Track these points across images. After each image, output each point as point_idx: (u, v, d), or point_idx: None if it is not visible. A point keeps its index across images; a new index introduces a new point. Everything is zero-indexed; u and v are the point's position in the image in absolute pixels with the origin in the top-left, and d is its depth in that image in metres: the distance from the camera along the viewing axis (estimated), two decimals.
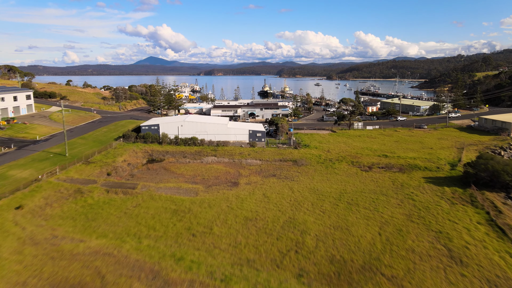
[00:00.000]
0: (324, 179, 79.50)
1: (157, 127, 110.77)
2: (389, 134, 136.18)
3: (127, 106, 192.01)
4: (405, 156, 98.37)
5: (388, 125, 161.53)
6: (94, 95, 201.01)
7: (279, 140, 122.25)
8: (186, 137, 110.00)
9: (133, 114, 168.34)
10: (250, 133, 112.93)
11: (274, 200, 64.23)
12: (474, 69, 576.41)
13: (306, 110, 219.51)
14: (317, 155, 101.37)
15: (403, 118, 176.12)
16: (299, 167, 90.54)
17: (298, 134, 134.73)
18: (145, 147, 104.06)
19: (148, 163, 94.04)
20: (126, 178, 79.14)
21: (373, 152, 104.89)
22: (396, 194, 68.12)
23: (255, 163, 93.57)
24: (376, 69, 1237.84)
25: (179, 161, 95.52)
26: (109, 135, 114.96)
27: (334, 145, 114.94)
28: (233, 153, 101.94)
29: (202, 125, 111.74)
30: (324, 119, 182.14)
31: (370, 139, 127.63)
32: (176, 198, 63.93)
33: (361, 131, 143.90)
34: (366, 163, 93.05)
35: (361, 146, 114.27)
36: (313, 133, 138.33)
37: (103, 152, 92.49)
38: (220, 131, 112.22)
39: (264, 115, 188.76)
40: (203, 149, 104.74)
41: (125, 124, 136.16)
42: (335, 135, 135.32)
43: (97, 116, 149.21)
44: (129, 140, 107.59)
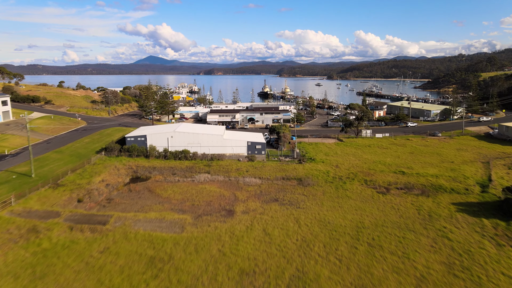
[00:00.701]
0: (336, 206, 67.22)
1: (144, 139, 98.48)
2: (401, 144, 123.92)
3: (117, 110, 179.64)
4: (425, 173, 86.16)
5: (398, 132, 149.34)
6: (83, 98, 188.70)
7: (281, 151, 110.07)
8: (177, 149, 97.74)
9: (123, 120, 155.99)
10: (248, 145, 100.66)
11: (277, 240, 51.99)
12: (479, 69, 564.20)
13: (308, 114, 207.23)
14: (325, 171, 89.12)
15: (414, 124, 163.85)
16: (305, 187, 78.26)
17: (302, 144, 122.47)
18: (130, 162, 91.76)
19: (131, 183, 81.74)
20: (101, 204, 66.86)
21: (388, 168, 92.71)
22: (425, 229, 55.84)
23: (254, 183, 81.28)
24: (377, 68, 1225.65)
25: (167, 180, 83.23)
26: (91, 147, 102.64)
27: (342, 158, 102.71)
28: (229, 169, 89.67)
29: (194, 136, 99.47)
30: (329, 124, 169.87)
31: (382, 149, 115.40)
32: (156, 237, 51.67)
33: (370, 140, 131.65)
34: (381, 183, 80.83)
35: (372, 159, 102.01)
36: (318, 143, 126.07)
37: (78, 170, 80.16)
38: (215, 143, 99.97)
39: (264, 120, 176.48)
40: (195, 164, 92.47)
41: (111, 133, 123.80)
42: (342, 145, 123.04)
43: (82, 123, 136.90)
44: (112, 153, 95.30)
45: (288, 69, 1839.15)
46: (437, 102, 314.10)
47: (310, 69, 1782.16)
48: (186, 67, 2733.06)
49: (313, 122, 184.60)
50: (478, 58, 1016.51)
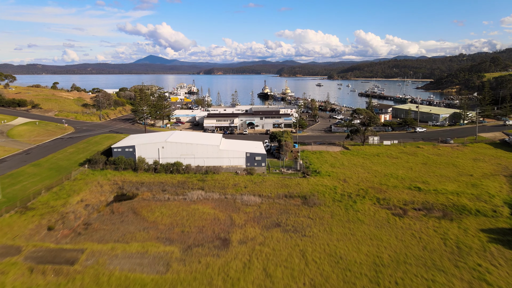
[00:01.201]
0: (347, 233, 58.25)
1: (133, 150, 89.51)
2: (412, 153, 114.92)
3: (110, 114, 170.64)
4: (444, 190, 77.25)
5: (407, 139, 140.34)
6: (74, 101, 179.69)
7: (283, 162, 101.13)
8: (168, 162, 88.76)
9: (114, 126, 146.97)
10: (247, 157, 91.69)
11: (280, 285, 43.03)
12: (482, 69, 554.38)
13: (310, 118, 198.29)
14: (332, 187, 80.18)
15: (423, 129, 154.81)
16: (311, 208, 69.29)
17: (305, 153, 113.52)
18: (115, 176, 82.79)
19: (115, 201, 72.79)
20: (76, 231, 57.91)
21: (401, 182, 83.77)
22: (457, 268, 46.91)
23: (253, 202, 72.31)
24: (378, 68, 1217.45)
25: (155, 198, 74.25)
26: (74, 158, 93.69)
27: (350, 171, 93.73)
28: (226, 184, 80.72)
29: (188, 147, 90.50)
30: (333, 130, 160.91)
31: (392, 160, 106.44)
32: (134, 281, 42.76)
33: (378, 148, 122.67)
34: (396, 201, 71.90)
35: (383, 171, 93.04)
36: (322, 151, 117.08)
37: (55, 188, 71.20)
38: (210, 154, 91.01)
39: (265, 125, 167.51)
40: (188, 179, 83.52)
41: (99, 141, 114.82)
42: (348, 154, 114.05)
43: (69, 130, 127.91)
44: (96, 166, 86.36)
45: (288, 68, 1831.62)
46: (443, 104, 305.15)
47: (310, 68, 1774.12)
48: (186, 66, 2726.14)
49: (315, 126, 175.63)
50: (480, 58, 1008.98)
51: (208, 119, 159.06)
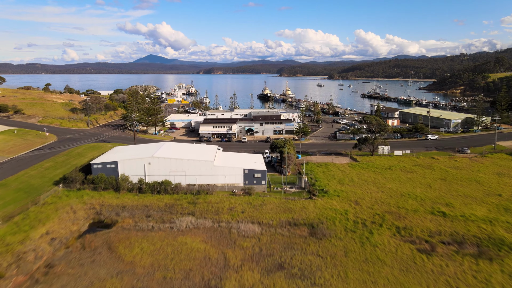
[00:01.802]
0: (366, 280, 47.48)
1: (115, 166, 78.68)
2: (428, 165, 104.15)
3: (99, 120, 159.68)
4: (473, 216, 66.58)
5: (418, 147, 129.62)
6: (62, 105, 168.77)
7: (285, 177, 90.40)
8: (156, 180, 77.95)
9: (102, 134, 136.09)
10: (245, 174, 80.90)
11: None
12: (486, 69, 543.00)
13: (313, 123, 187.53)
14: (342, 211, 69.46)
15: (434, 136, 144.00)
16: (320, 241, 58.49)
17: (309, 166, 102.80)
18: (93, 198, 72.00)
19: (90, 232, 61.97)
20: (33, 278, 47.17)
21: (421, 204, 73.09)
22: None
23: (252, 232, 61.49)
24: (379, 68, 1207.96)
25: (137, 227, 63.43)
26: (50, 175, 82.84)
27: (361, 189, 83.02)
28: (220, 208, 69.96)
29: (178, 163, 79.68)
30: (337, 136, 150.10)
31: (406, 174, 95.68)
32: None
33: (390, 159, 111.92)
34: (420, 232, 61.15)
35: (399, 190, 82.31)
36: (328, 163, 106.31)
37: (17, 216, 60.37)
38: (203, 171, 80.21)
39: (265, 131, 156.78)
40: (177, 201, 72.76)
41: (82, 152, 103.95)
42: (357, 166, 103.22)
43: (50, 138, 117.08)
44: (72, 185, 75.56)
45: (288, 68, 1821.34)
46: (449, 107, 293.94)
47: (310, 68, 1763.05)
48: (186, 66, 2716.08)
49: (319, 132, 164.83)
50: (481, 58, 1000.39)
51: (204, 126, 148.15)
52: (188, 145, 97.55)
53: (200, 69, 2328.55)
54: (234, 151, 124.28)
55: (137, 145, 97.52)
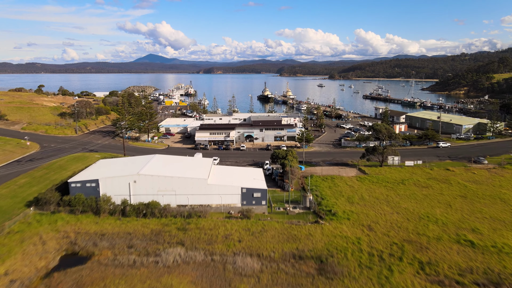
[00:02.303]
0: None
1: (96, 185, 69.56)
2: (443, 179, 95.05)
3: (89, 125, 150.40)
4: (506, 246, 57.57)
5: (430, 156, 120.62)
6: (50, 110, 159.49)
7: (288, 193, 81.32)
8: (142, 201, 68.85)
9: (91, 142, 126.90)
10: (243, 193, 71.80)
11: None
12: (490, 70, 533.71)
13: (316, 128, 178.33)
14: (355, 239, 60.37)
15: (446, 144, 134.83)
16: (330, 282, 49.36)
17: (314, 179, 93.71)
18: (69, 223, 62.89)
19: (59, 269, 52.72)
20: None
21: (444, 230, 64.05)
22: None
23: (250, 269, 52.36)
24: (380, 68, 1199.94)
25: (116, 261, 54.28)
26: (23, 194, 73.64)
27: (373, 209, 73.95)
28: (214, 236, 60.86)
29: (167, 181, 70.55)
30: (342, 144, 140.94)
31: (421, 190, 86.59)
32: None
33: (401, 172, 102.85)
34: (447, 268, 52.08)
35: (416, 210, 73.26)
36: (334, 176, 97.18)
37: None
38: (196, 190, 71.08)
39: (265, 137, 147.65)
40: (165, 227, 63.67)
41: (65, 165, 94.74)
42: (367, 180, 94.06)
43: (32, 148, 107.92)
44: (46, 208, 66.49)
45: (288, 68, 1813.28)
46: (455, 109, 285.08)
47: (310, 68, 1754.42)
48: (186, 65, 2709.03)
49: (322, 138, 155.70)
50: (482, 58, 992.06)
51: (201, 132, 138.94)
52: (180, 158, 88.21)
53: (200, 69, 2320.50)
54: (232, 161, 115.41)
55: (124, 158, 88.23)
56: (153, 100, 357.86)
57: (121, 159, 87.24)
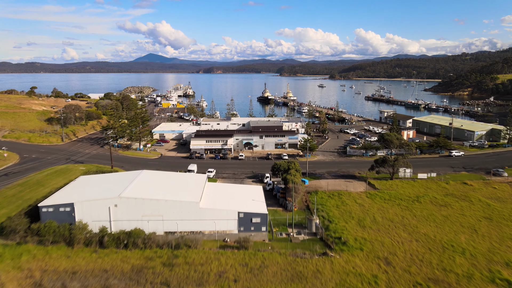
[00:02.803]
0: None
1: (70, 209, 60.51)
2: (462, 195, 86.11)
3: (78, 132, 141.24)
4: None
5: (443, 167, 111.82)
6: (37, 115, 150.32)
7: (292, 214, 72.24)
8: (123, 229, 59.76)
9: (79, 150, 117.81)
10: (240, 218, 62.73)
11: None
12: (494, 70, 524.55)
13: (318, 133, 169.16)
14: (370, 278, 51.30)
15: (459, 152, 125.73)
16: None
17: (319, 195, 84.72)
18: (35, 259, 53.77)
19: None
20: None
21: (472, 263, 55.02)
22: None
23: None
24: (380, 68, 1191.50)
25: None
26: None
27: (389, 234, 64.95)
28: (205, 273, 51.76)
29: (153, 204, 61.49)
30: (348, 152, 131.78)
31: (439, 209, 77.61)
32: None
33: (414, 186, 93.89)
34: None
35: (438, 236, 64.23)
36: (341, 192, 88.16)
37: None
38: (186, 214, 62.03)
39: (265, 144, 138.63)
40: (149, 261, 54.56)
41: (44, 180, 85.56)
42: (378, 197, 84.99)
43: (10, 160, 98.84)
44: (12, 237, 57.38)
45: (288, 67, 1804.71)
46: (461, 112, 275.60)
47: (311, 67, 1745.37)
48: (185, 65, 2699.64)
49: (326, 145, 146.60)
50: (483, 57, 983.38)
51: (196, 140, 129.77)
52: (170, 175, 78.87)
53: (200, 68, 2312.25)
54: (229, 172, 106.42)
55: (108, 175, 78.91)
56: (150, 101, 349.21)
57: (104, 176, 77.98)
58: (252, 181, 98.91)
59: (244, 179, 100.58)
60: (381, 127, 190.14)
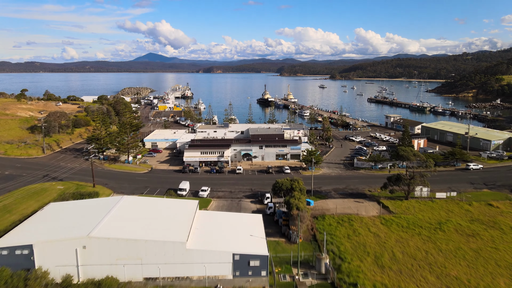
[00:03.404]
0: None
1: (29, 252, 49.81)
2: (490, 221, 75.54)
3: (63, 141, 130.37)
4: None
5: (462, 183, 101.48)
6: (19, 123, 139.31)
7: (296, 247, 61.60)
8: (92, 277, 49.07)
9: (60, 164, 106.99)
10: (235, 261, 52.01)
11: None
12: (498, 71, 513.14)
13: (322, 141, 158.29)
14: None
15: (478, 165, 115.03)
16: None
17: (327, 221, 74.27)
18: None
19: None
20: None
21: None
22: None
23: None
24: (381, 68, 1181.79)
25: None
26: None
27: (413, 278, 54.33)
28: None
29: (130, 245, 50.76)
30: (355, 164, 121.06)
31: (467, 240, 67.05)
32: None
33: (433, 208, 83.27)
34: None
35: (472, 282, 53.54)
36: (351, 217, 77.50)
37: None
38: (170, 257, 51.30)
39: (265, 155, 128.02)
40: None
41: (12, 204, 74.54)
42: (394, 224, 74.30)
43: None
44: None
45: (288, 67, 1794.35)
46: (469, 115, 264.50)
47: (311, 67, 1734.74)
48: (185, 64, 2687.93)
49: (331, 155, 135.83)
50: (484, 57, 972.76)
51: (191, 151, 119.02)
52: (154, 203, 67.45)
53: (199, 68, 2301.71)
54: (226, 190, 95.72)
55: (82, 203, 67.89)
56: (147, 104, 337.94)
57: (77, 204, 66.98)
58: (250, 202, 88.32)
59: (241, 199, 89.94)
60: (388, 133, 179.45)
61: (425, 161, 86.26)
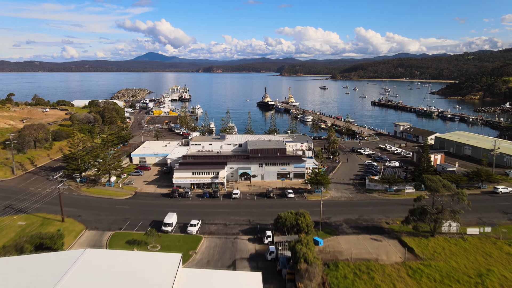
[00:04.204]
0: None
1: None
2: None
3: (39, 158, 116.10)
4: None
5: (492, 212, 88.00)
6: None
7: None
8: None
9: (29, 189, 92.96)
10: None
11: None
12: (504, 72, 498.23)
13: (326, 154, 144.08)
14: None
15: (508, 188, 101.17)
16: None
17: (341, 275, 60.18)
18: None
19: None
20: None
21: None
22: None
23: None
24: (382, 68, 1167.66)
25: None
26: None
27: None
28: None
29: None
30: (367, 185, 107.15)
31: None
32: None
33: (467, 251, 69.32)
34: None
35: None
36: (370, 264, 63.67)
37: None
38: None
39: (265, 174, 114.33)
40: None
41: None
42: (424, 275, 60.47)
43: None
44: None
45: (288, 66, 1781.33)
46: (480, 122, 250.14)
47: (311, 67, 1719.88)
48: (185, 64, 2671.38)
49: (338, 172, 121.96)
50: (486, 57, 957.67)
51: (181, 172, 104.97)
52: (123, 260, 53.20)
53: (199, 67, 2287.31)
54: (220, 223, 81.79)
55: (27, 260, 53.63)
56: (142, 108, 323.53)
57: (21, 263, 52.59)
58: (248, 240, 74.45)
59: (238, 236, 76.06)
60: (398, 144, 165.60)
61: (457, 193, 72.31)
